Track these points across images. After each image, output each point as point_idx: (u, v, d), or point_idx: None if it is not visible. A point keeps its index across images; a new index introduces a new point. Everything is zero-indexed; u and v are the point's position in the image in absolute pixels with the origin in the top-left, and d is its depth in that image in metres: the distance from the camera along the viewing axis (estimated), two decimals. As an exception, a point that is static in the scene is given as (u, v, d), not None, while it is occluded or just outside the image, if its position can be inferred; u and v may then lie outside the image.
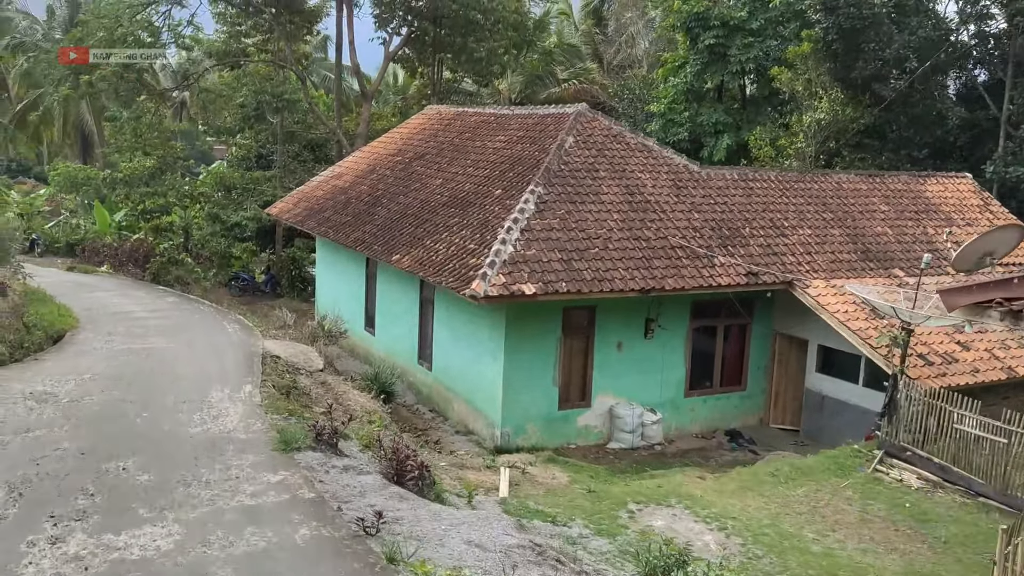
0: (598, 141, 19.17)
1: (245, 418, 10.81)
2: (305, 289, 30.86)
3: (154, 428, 10.53)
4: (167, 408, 11.29)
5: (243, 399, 11.70)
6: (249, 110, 29.00)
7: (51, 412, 10.89)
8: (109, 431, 10.30)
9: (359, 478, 8.79)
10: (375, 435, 10.46)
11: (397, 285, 20.31)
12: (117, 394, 11.85)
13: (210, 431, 10.37)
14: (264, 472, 8.89)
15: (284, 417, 10.91)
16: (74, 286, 26.94)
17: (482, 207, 18.07)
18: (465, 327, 17.74)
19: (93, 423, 10.59)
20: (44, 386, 12.03)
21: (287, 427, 10.21)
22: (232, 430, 10.32)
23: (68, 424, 10.44)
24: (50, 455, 9.32)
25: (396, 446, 9.28)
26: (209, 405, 11.37)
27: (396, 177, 22.42)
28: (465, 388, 17.84)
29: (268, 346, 16.56)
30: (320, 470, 8.93)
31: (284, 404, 11.54)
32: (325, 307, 24.45)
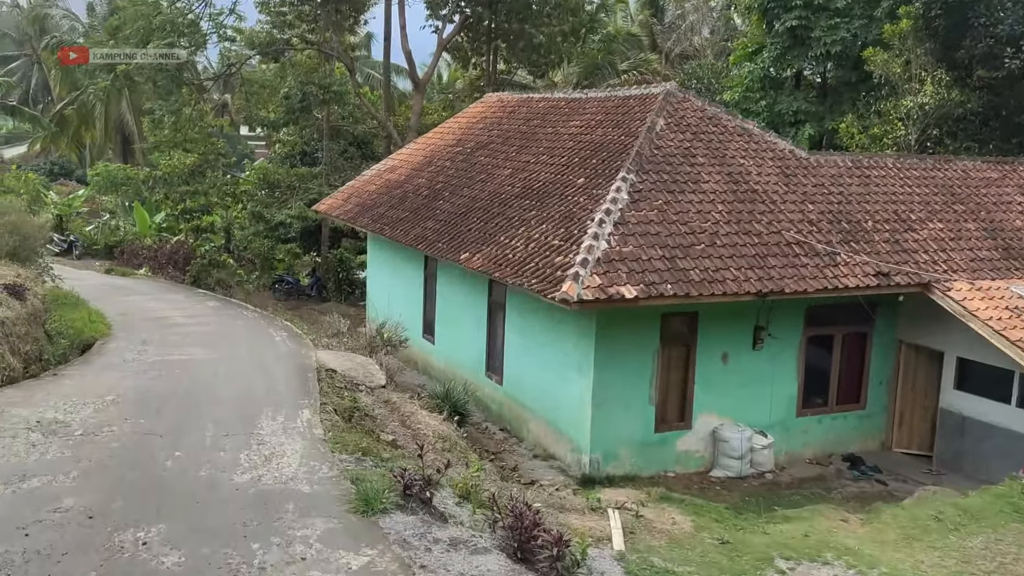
0: (692, 123, 16.48)
1: (307, 459, 8.24)
2: (353, 293, 28.46)
3: (188, 476, 7.97)
4: (205, 445, 8.76)
5: (301, 430, 9.17)
6: (295, 102, 26.68)
7: (58, 450, 8.39)
8: (130, 481, 7.75)
9: (475, 559, 6.18)
10: (475, 485, 7.86)
11: (461, 287, 17.77)
12: (144, 424, 9.37)
13: (262, 480, 7.82)
14: (341, 549, 6.27)
15: (357, 458, 8.33)
16: (110, 289, 24.76)
17: (563, 198, 15.46)
18: (544, 335, 15.14)
19: (110, 468, 8.08)
20: (56, 412, 9.59)
21: (363, 475, 7.64)
22: (291, 478, 7.75)
23: (77, 469, 7.93)
24: (46, 519, 6.79)
25: (517, 509, 6.67)
26: (259, 439, 8.84)
27: (457, 169, 19.88)
28: (544, 406, 15.23)
29: (322, 358, 14.08)
30: (418, 545, 6.31)
31: (353, 438, 8.97)
32: (377, 312, 21.99)
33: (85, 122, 41.36)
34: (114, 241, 33.98)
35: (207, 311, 20.78)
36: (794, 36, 25.78)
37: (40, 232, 17.51)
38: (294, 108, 27.16)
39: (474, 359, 17.40)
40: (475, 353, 17.37)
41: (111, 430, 9.01)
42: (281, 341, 16.11)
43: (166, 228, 35.51)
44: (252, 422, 9.41)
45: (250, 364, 13.41)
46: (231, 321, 19.12)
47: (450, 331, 18.51)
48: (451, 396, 14.47)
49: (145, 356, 14.47)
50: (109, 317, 19.43)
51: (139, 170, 34.06)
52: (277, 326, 18.27)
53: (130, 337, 16.91)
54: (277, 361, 13.69)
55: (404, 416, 12.58)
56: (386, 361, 14.69)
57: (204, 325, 18.52)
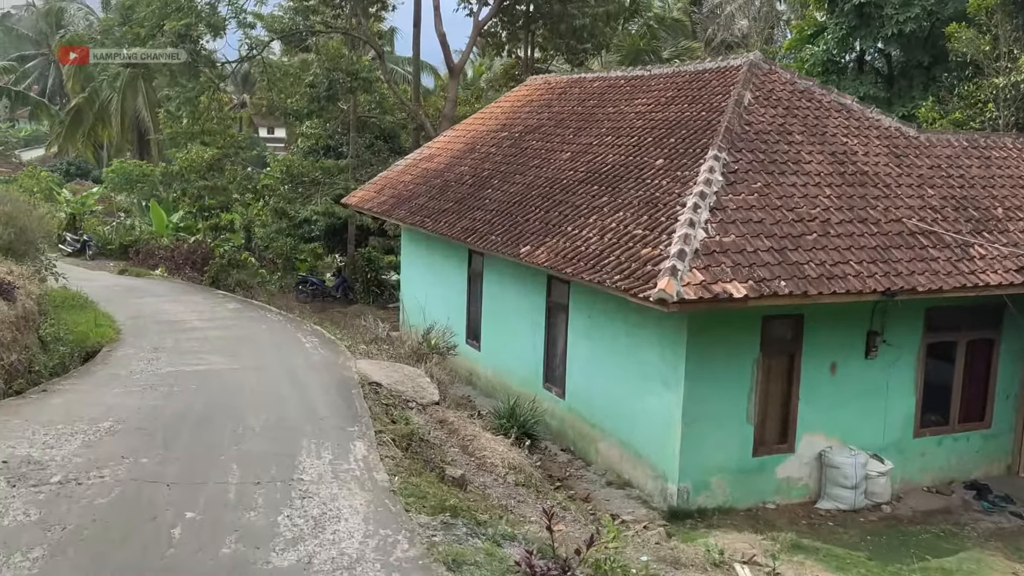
0: (783, 97, 14.06)
1: (374, 524, 5.72)
2: (381, 295, 26.13)
3: (204, 556, 5.43)
4: (228, 500, 6.30)
5: (357, 474, 6.78)
6: (320, 90, 24.38)
7: (21, 510, 5.87)
8: (117, 564, 5.31)
9: None
10: (616, 565, 5.46)
11: (513, 286, 15.39)
12: (147, 464, 6.99)
13: (314, 564, 5.32)
14: None
15: (443, 521, 5.90)
16: (122, 291, 22.52)
17: (640, 181, 13.06)
18: (618, 342, 12.74)
19: (90, 544, 5.59)
20: (32, 446, 7.26)
21: (462, 554, 5.20)
22: (357, 559, 5.22)
23: (41, 546, 5.44)
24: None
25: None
26: (303, 489, 6.43)
27: (505, 155, 17.50)
28: (617, 425, 12.83)
29: (362, 368, 11.73)
30: None
31: (430, 486, 6.59)
32: (412, 315, 19.63)
33: (101, 119, 39.25)
34: (129, 241, 31.86)
35: (227, 314, 18.50)
36: (861, 15, 23.27)
37: (40, 224, 15.24)
38: (319, 97, 24.86)
39: (529, 369, 15.01)
40: (530, 362, 14.99)
41: (101, 475, 6.61)
42: (312, 348, 13.78)
43: (184, 228, 33.33)
44: (290, 461, 7.04)
45: (280, 377, 11.08)
46: (254, 325, 16.82)
47: (499, 337, 16.13)
48: (517, 415, 12.05)
49: (156, 366, 12.18)
50: (119, 320, 17.20)
51: (155, 167, 31.92)
52: (306, 330, 15.95)
53: (140, 343, 14.64)
54: (311, 372, 11.34)
55: (465, 440, 10.21)
56: (436, 372, 12.29)
57: (224, 329, 16.23)
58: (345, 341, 14.95)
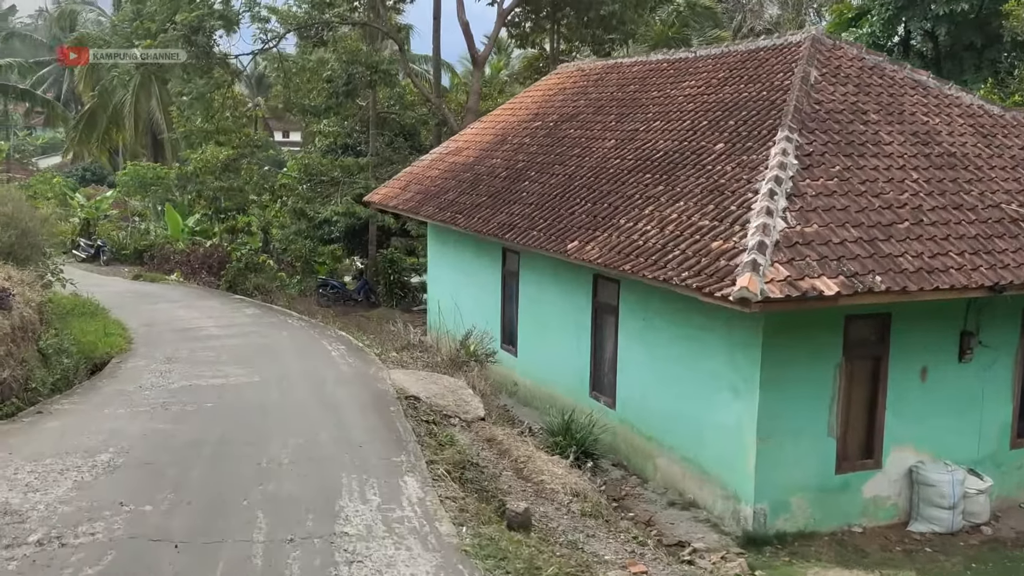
0: (852, 74, 12.62)
1: None
2: (405, 297, 24.80)
3: None
4: (255, 567, 4.87)
5: (416, 525, 5.41)
6: (339, 85, 23.07)
7: None
8: None
9: None
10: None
11: (554, 286, 14.00)
12: (151, 513, 5.64)
13: None
14: None
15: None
16: (136, 297, 21.34)
17: (700, 168, 11.65)
18: (678, 346, 11.34)
19: None
20: (12, 488, 5.96)
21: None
22: None
23: None
24: None
25: None
26: (349, 550, 5.02)
27: (540, 145, 16.11)
28: (679, 438, 11.41)
29: (397, 380, 10.37)
30: None
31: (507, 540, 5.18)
32: (441, 318, 18.29)
33: (114, 122, 38.13)
34: (144, 245, 30.70)
35: (245, 320, 17.24)
36: (909, -6, 21.75)
37: (44, 226, 13.98)
38: (338, 92, 23.56)
39: (574, 376, 13.62)
40: (575, 368, 13.59)
41: (92, 531, 5.22)
42: (340, 357, 12.46)
43: (199, 231, 32.15)
44: (329, 506, 5.67)
45: (307, 391, 9.74)
46: (275, 331, 15.54)
47: (539, 341, 14.75)
48: (574, 431, 10.60)
49: (168, 380, 10.87)
50: (131, 328, 16.01)
51: (169, 169, 30.74)
52: (331, 337, 14.64)
53: (152, 353, 13.39)
54: (342, 386, 10.00)
55: (519, 462, 8.84)
56: (478, 383, 10.90)
57: (243, 336, 14.96)
58: (374, 348, 13.63)
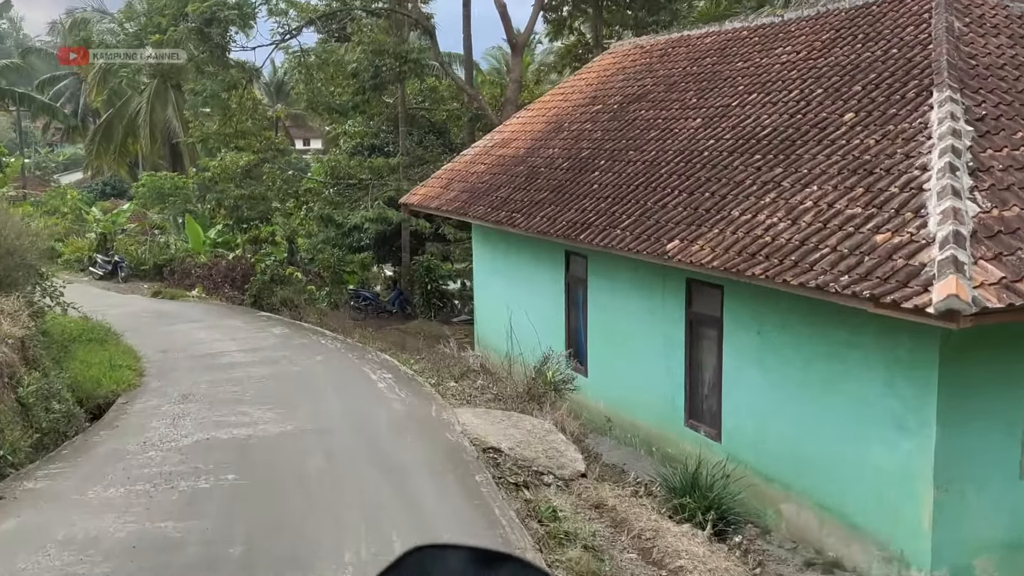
0: (1000, 24, 10.12)
1: None
2: (444, 307, 22.49)
3: None
4: None
5: None
6: (365, 78, 20.82)
7: None
8: None
9: None
10: None
11: (634, 294, 11.63)
12: None
13: None
14: None
15: None
16: (153, 317, 19.20)
17: (829, 143, 9.23)
18: (810, 367, 8.92)
19: None
20: None
21: None
22: None
23: None
24: None
25: None
26: None
27: (605, 130, 13.72)
28: (813, 481, 9.00)
29: (468, 424, 8.01)
30: None
31: None
32: (489, 332, 15.98)
33: (131, 133, 36.21)
34: (164, 260, 28.64)
35: (273, 341, 15.01)
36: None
37: (34, 244, 11.77)
38: (364, 87, 21.29)
39: (662, 401, 11.21)
40: (664, 392, 11.18)
41: None
42: (389, 389, 10.16)
43: (222, 243, 30.05)
44: None
45: (358, 447, 7.46)
46: (307, 355, 13.27)
47: (615, 359, 12.36)
48: (702, 485, 8.09)
49: (180, 431, 8.60)
50: (144, 356, 13.86)
51: (188, 178, 28.67)
52: (373, 362, 12.35)
53: (165, 390, 11.16)
54: (401, 435, 7.70)
55: (643, 538, 6.44)
56: (568, 423, 8.50)
57: (271, 364, 12.70)
58: (427, 376, 11.28)
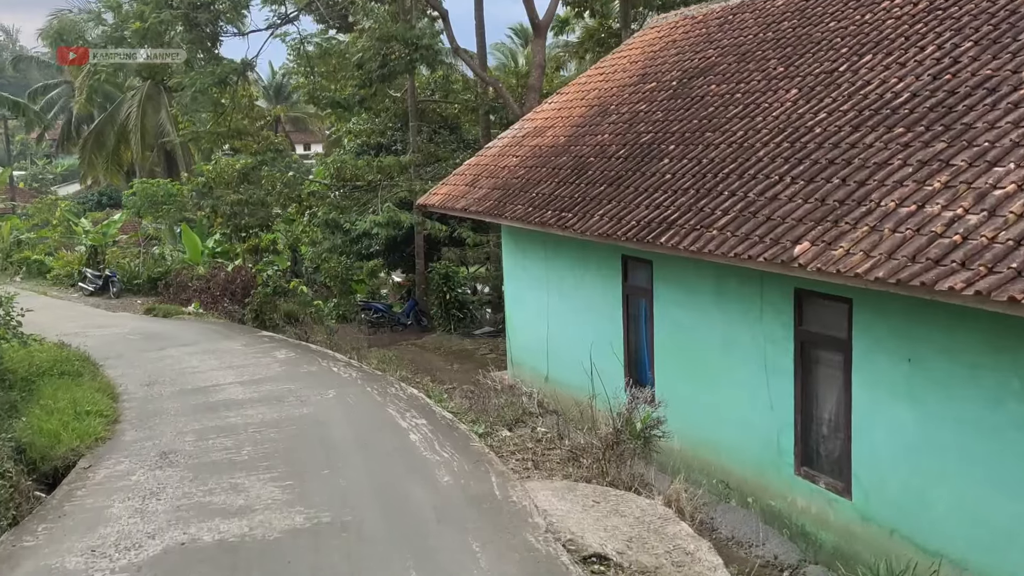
0: None
1: None
2: (464, 318, 20.05)
3: None
4: None
5: None
6: (372, 68, 18.39)
7: None
8: None
9: None
10: None
11: (721, 307, 9.20)
12: None
13: None
14: None
15: None
16: (141, 340, 16.75)
17: (1010, 107, 6.72)
18: (1006, 407, 6.44)
19: None
20: None
21: None
22: None
23: None
24: None
25: None
26: None
27: (667, 111, 11.26)
28: (1005, 558, 6.51)
29: (548, 510, 5.51)
30: None
31: None
32: (524, 350, 13.56)
33: (123, 139, 33.77)
34: (158, 273, 26.20)
35: (277, 370, 12.59)
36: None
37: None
38: (371, 79, 18.83)
39: (760, 442, 8.75)
40: (762, 431, 8.73)
41: None
42: (425, 443, 7.73)
43: (221, 253, 27.65)
44: None
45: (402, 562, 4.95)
46: (318, 390, 10.82)
47: (692, 387, 9.89)
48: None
49: (149, 524, 6.22)
50: (125, 392, 11.47)
51: (181, 185, 26.23)
52: (398, 398, 9.90)
53: (142, 446, 8.76)
54: (459, 536, 5.31)
55: None
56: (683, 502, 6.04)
57: (275, 402, 10.26)
58: (467, 416, 8.80)
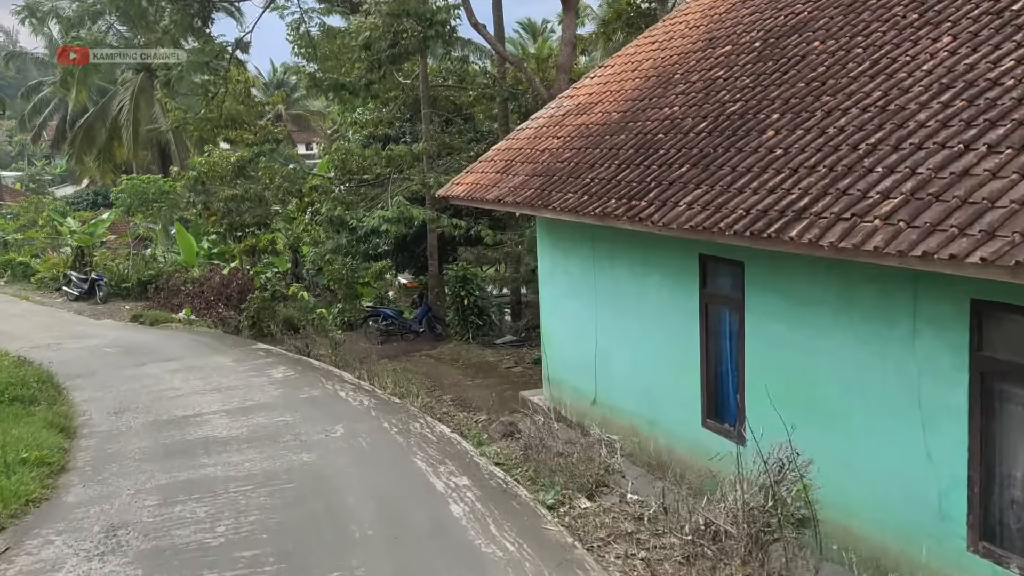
0: None
1: None
2: (483, 325, 17.64)
3: None
4: None
5: None
6: (382, 48, 16.02)
7: None
8: None
9: None
10: None
11: (852, 321, 6.79)
12: None
13: None
14: None
15: None
16: (120, 354, 14.39)
17: None
18: None
19: None
20: None
21: None
22: None
23: None
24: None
25: None
26: None
27: (756, 75, 8.87)
28: None
29: None
30: None
31: None
32: (564, 368, 11.21)
33: (115, 135, 31.36)
34: (149, 276, 23.85)
35: (272, 394, 10.21)
36: None
37: None
38: (380, 60, 16.43)
39: (914, 503, 6.39)
40: (916, 488, 6.36)
41: None
42: (471, 519, 5.40)
43: (217, 254, 25.28)
44: None
45: None
46: (322, 425, 8.43)
47: (808, 427, 7.45)
48: None
49: None
50: (84, 426, 9.14)
51: (173, 182, 23.84)
52: (426, 440, 7.53)
53: (85, 515, 6.33)
54: None
55: None
56: None
57: (266, 445, 7.87)
58: (523, 472, 6.41)
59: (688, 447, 8.97)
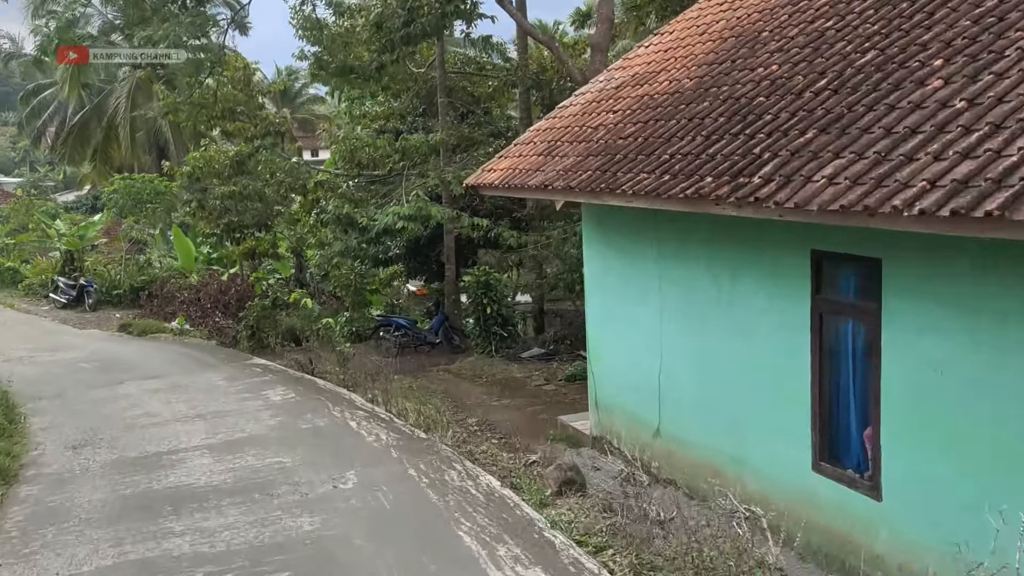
0: None
1: None
2: (507, 337, 15.56)
3: None
4: None
5: None
6: (394, 27, 14.07)
7: None
8: None
9: None
10: None
11: None
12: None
13: None
14: None
15: None
16: (97, 370, 12.31)
17: None
18: None
19: None
20: None
21: None
22: None
23: None
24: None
25: None
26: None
27: (887, 19, 6.80)
28: None
29: None
30: None
31: None
32: (616, 389, 9.19)
33: (111, 135, 29.43)
34: (142, 281, 21.85)
35: (269, 424, 8.16)
36: None
37: None
38: (393, 41, 14.44)
39: None
40: None
41: None
42: None
43: (217, 259, 23.29)
44: None
45: None
46: (329, 471, 6.36)
47: (974, 479, 5.39)
48: None
49: None
50: (32, 464, 7.03)
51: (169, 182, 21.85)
52: (471, 499, 5.47)
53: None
54: None
55: None
56: None
57: (255, 502, 5.75)
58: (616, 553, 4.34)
59: (790, 495, 6.90)
